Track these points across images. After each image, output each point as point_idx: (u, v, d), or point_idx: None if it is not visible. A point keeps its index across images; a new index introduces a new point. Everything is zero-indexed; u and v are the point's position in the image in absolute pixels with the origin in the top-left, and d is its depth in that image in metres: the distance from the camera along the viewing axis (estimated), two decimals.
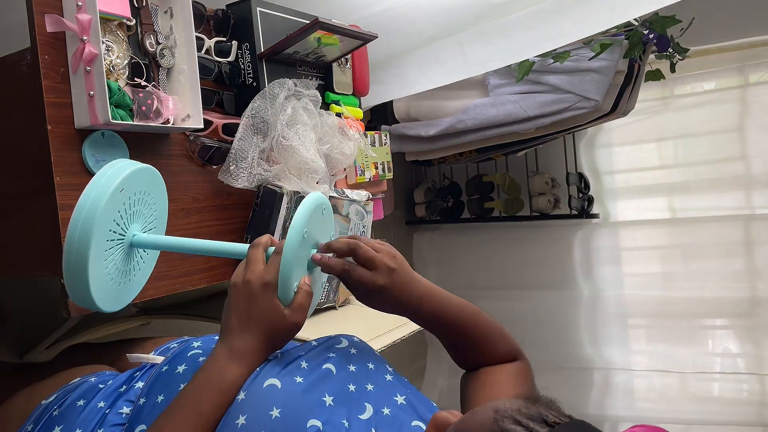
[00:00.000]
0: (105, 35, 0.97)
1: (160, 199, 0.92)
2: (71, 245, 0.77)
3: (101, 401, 0.86)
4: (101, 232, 0.78)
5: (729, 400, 2.73)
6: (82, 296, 0.80)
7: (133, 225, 0.85)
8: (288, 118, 1.18)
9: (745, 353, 2.72)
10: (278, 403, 0.67)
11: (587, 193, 2.93)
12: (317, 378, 0.73)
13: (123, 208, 0.82)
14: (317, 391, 0.71)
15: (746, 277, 2.68)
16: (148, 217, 0.89)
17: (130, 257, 0.87)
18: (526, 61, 2.04)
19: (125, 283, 0.87)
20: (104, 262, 0.81)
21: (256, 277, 0.74)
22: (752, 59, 2.59)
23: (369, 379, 0.77)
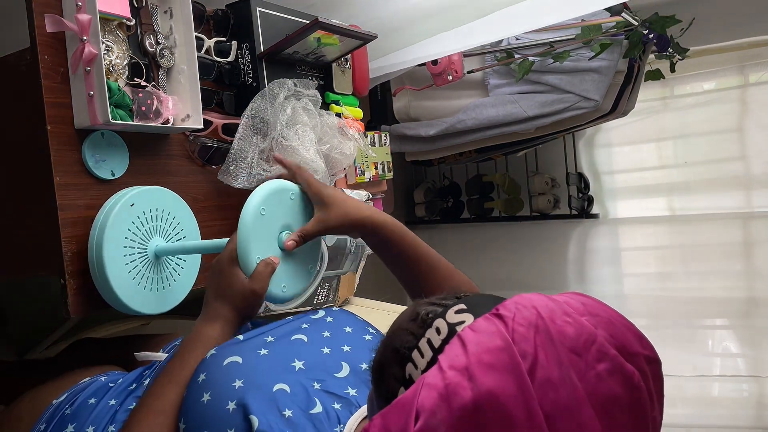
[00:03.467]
0: (105, 35, 0.97)
1: (181, 214, 1.01)
2: (92, 262, 0.90)
3: (112, 399, 0.88)
4: (114, 246, 0.90)
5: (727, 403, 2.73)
6: (118, 303, 0.91)
7: (155, 238, 0.96)
8: (288, 118, 1.18)
9: (745, 354, 2.72)
10: (240, 375, 0.70)
11: (587, 193, 2.93)
12: (284, 347, 0.76)
13: (137, 223, 0.93)
14: (284, 358, 0.74)
15: (746, 277, 2.68)
16: (171, 230, 0.99)
17: (161, 266, 0.97)
18: (525, 61, 2.04)
19: (165, 288, 0.97)
20: (129, 273, 0.92)
21: (225, 258, 0.84)
22: (752, 59, 2.59)
23: (346, 341, 0.79)
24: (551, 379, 0.45)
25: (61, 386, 0.94)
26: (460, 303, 0.53)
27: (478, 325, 0.49)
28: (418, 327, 0.53)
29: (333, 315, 0.85)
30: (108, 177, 0.98)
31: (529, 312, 0.49)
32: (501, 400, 0.44)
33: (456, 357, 0.47)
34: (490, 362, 0.46)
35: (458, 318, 0.52)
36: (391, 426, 0.47)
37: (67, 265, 0.92)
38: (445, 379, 0.46)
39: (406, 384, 0.51)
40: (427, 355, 0.51)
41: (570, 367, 0.46)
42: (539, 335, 0.47)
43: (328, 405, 0.68)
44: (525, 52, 2.06)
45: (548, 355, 0.46)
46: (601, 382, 0.46)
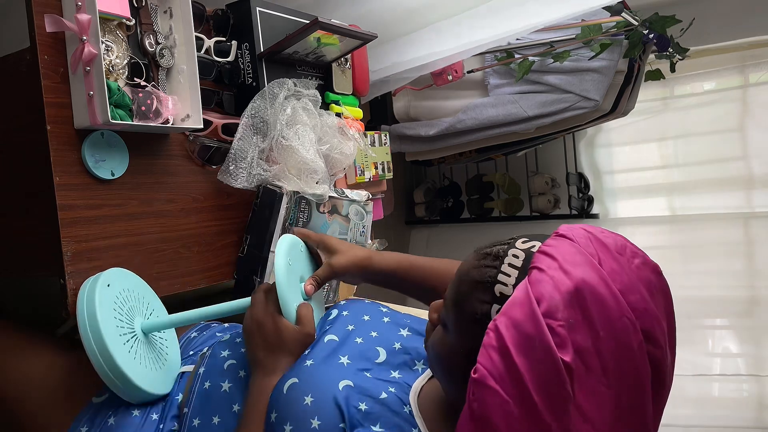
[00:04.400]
0: (104, 35, 0.97)
1: (140, 288, 0.98)
2: (102, 369, 0.83)
3: (154, 413, 0.89)
4: (113, 335, 0.85)
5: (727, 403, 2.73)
6: (142, 396, 0.88)
7: (136, 318, 0.93)
8: (288, 118, 1.18)
9: (745, 354, 2.71)
10: (305, 392, 0.73)
11: (587, 193, 2.93)
12: (323, 350, 0.80)
13: (117, 311, 0.89)
14: (330, 360, 0.78)
15: (746, 277, 2.67)
16: (142, 306, 0.96)
17: (152, 342, 0.94)
18: (525, 61, 2.04)
19: (165, 362, 0.94)
20: (134, 359, 0.87)
21: (260, 311, 0.85)
22: (752, 59, 2.59)
23: (371, 328, 0.85)
24: (614, 268, 0.60)
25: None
26: (519, 238, 0.66)
27: (551, 242, 0.62)
28: (492, 260, 0.64)
29: (346, 309, 0.90)
30: (108, 177, 0.98)
31: (580, 231, 0.64)
32: (590, 283, 0.57)
33: (548, 262, 0.59)
34: (573, 261, 0.59)
35: (528, 245, 0.64)
36: (518, 316, 0.57)
37: (67, 265, 0.92)
38: (549, 275, 0.58)
39: (499, 300, 0.61)
40: (513, 274, 0.61)
41: (621, 262, 0.61)
42: (595, 243, 0.62)
43: (387, 390, 0.74)
44: (525, 52, 2.06)
45: (605, 254, 0.61)
46: (641, 270, 0.61)
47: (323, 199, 1.23)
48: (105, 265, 0.98)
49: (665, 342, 0.60)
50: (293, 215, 1.19)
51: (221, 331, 1.05)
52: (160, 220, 1.07)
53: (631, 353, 0.57)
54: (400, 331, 0.85)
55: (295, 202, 1.19)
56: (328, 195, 1.24)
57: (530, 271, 0.60)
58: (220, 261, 1.19)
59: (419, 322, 0.88)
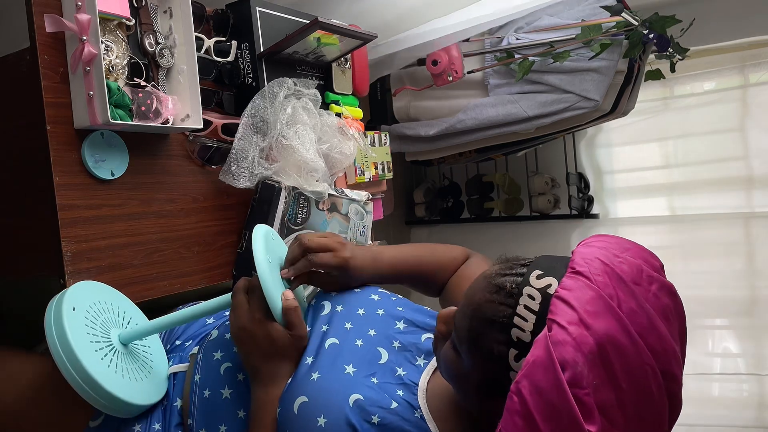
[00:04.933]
0: (104, 35, 0.97)
1: (112, 298, 0.93)
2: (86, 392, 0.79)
3: (156, 423, 0.88)
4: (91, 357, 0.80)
5: (728, 403, 2.73)
6: (129, 410, 0.85)
7: (113, 331, 0.88)
8: (288, 117, 1.18)
9: (745, 353, 2.71)
10: (316, 412, 0.72)
11: (587, 193, 2.92)
12: (328, 361, 0.78)
13: (90, 326, 0.84)
14: (337, 372, 0.77)
15: (746, 277, 2.67)
16: (117, 316, 0.91)
17: (134, 352, 0.90)
18: (525, 61, 2.04)
19: (151, 369, 0.91)
20: (117, 374, 0.83)
21: (246, 319, 0.81)
22: (752, 59, 2.58)
23: (368, 326, 0.83)
24: (633, 308, 0.58)
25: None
26: (533, 269, 0.63)
27: (567, 284, 0.59)
28: (506, 297, 0.62)
29: (339, 302, 0.88)
30: (108, 177, 0.98)
31: (597, 263, 0.61)
32: (612, 335, 0.56)
33: (567, 314, 0.57)
34: (594, 311, 0.57)
35: (543, 282, 0.61)
36: (542, 382, 0.56)
37: (66, 265, 0.92)
38: (570, 334, 0.56)
39: (517, 345, 0.60)
40: (530, 319, 0.60)
41: (638, 295, 0.59)
42: (612, 279, 0.59)
43: (396, 396, 0.75)
44: (525, 52, 2.06)
45: (623, 291, 0.59)
46: (658, 299, 0.60)
47: (322, 197, 1.23)
48: (105, 265, 0.98)
49: (680, 370, 0.61)
50: (292, 211, 1.19)
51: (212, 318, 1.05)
52: (160, 220, 1.07)
53: (651, 397, 0.58)
54: (396, 324, 0.84)
55: (294, 198, 1.19)
56: (327, 192, 1.24)
57: (551, 324, 0.58)
58: (220, 261, 1.19)
59: (412, 312, 0.87)
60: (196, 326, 1.02)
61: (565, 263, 0.63)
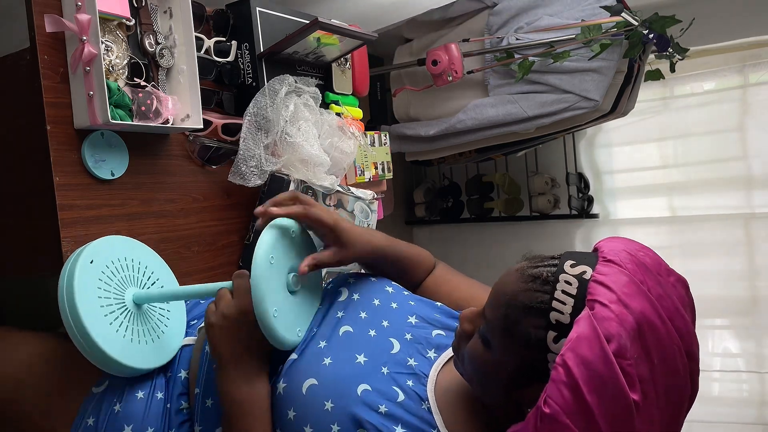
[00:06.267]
0: (104, 35, 0.97)
1: (142, 256, 0.92)
2: (76, 340, 0.79)
3: (159, 392, 0.88)
4: (90, 308, 0.79)
5: (729, 400, 2.73)
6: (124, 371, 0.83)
7: (129, 288, 0.87)
8: (290, 114, 1.19)
9: (746, 353, 2.71)
10: (324, 396, 0.74)
11: (587, 193, 2.92)
12: (340, 346, 0.80)
13: (105, 280, 0.84)
14: (348, 359, 0.78)
15: (747, 276, 2.67)
16: (143, 277, 0.91)
17: (146, 315, 0.89)
18: (525, 61, 2.04)
19: (161, 334, 0.89)
20: (118, 334, 0.82)
21: (230, 309, 0.79)
22: (752, 59, 2.58)
23: (382, 317, 0.84)
24: (661, 294, 0.63)
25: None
26: (566, 260, 0.67)
27: (602, 270, 0.64)
28: (543, 285, 0.65)
29: (356, 290, 0.89)
30: (108, 177, 0.98)
31: (624, 254, 0.66)
32: (648, 316, 0.61)
33: (607, 294, 0.61)
34: (629, 292, 0.61)
35: (578, 270, 0.65)
36: (588, 355, 0.59)
37: None
38: (613, 311, 0.60)
39: (556, 327, 0.63)
40: (569, 302, 0.63)
41: (662, 284, 0.65)
42: (640, 268, 0.65)
43: (405, 386, 0.76)
44: (525, 52, 2.06)
45: (651, 279, 0.64)
46: (676, 289, 0.66)
47: (331, 191, 1.24)
48: None
49: (698, 353, 0.65)
50: None
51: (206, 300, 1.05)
52: (160, 220, 1.07)
53: (678, 374, 0.62)
54: (409, 318, 0.86)
55: (302, 191, 1.20)
56: (335, 188, 1.25)
57: (591, 304, 0.62)
58: (221, 261, 1.19)
59: (422, 306, 0.89)
60: (200, 308, 1.02)
61: (593, 255, 0.68)
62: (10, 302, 1.32)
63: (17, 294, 1.32)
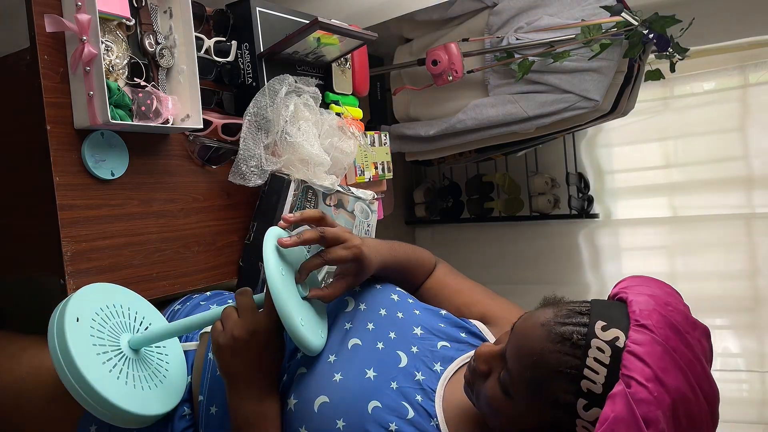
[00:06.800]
0: (104, 35, 0.97)
1: (125, 299, 0.89)
2: (85, 402, 0.75)
3: None
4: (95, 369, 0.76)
5: (729, 399, 2.73)
6: (138, 420, 0.80)
7: (123, 335, 0.84)
8: (290, 114, 1.19)
9: (746, 352, 2.71)
10: (336, 414, 0.73)
11: (587, 193, 2.92)
12: (349, 361, 0.78)
13: (97, 333, 0.80)
14: (358, 375, 0.77)
15: (747, 275, 2.67)
16: (129, 319, 0.87)
17: (147, 358, 0.86)
18: (525, 61, 2.04)
19: (165, 377, 0.86)
20: (127, 385, 0.79)
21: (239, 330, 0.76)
22: (752, 59, 2.58)
23: (389, 328, 0.83)
24: (691, 359, 0.62)
25: None
26: (596, 320, 0.65)
27: (636, 338, 0.62)
28: (573, 348, 0.64)
29: (362, 300, 0.87)
30: (108, 177, 0.98)
31: (656, 316, 0.64)
32: (681, 391, 0.61)
33: (644, 371, 0.60)
34: (665, 367, 0.60)
35: (610, 335, 0.63)
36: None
37: (66, 265, 0.92)
38: (651, 392, 0.59)
39: (587, 396, 0.63)
40: (602, 372, 0.62)
41: (691, 344, 0.63)
42: (671, 330, 0.63)
43: (414, 402, 0.75)
44: (525, 52, 2.06)
45: (681, 342, 0.63)
46: (701, 344, 0.65)
47: (332, 191, 1.24)
48: (105, 265, 0.98)
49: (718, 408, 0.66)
50: (300, 204, 1.19)
51: (204, 300, 1.06)
52: (160, 220, 1.07)
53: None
54: (414, 329, 0.85)
55: (303, 191, 1.20)
56: (335, 188, 1.25)
57: (627, 381, 0.60)
58: (221, 261, 1.19)
59: (427, 315, 0.88)
60: (198, 312, 1.02)
61: (622, 312, 0.65)
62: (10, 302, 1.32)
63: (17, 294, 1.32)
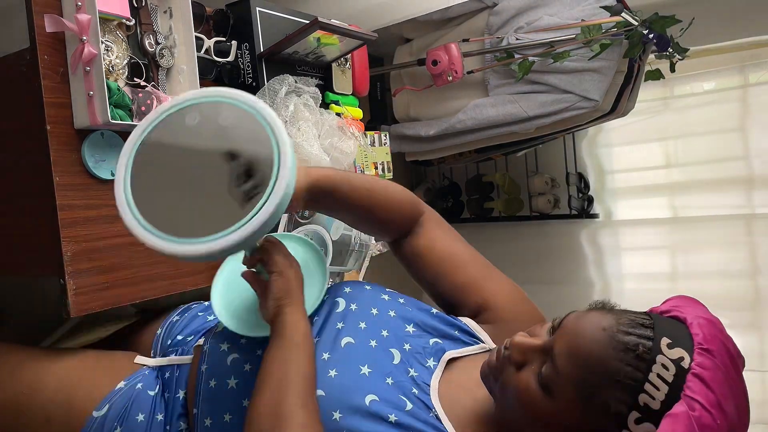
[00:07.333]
0: (104, 35, 0.97)
1: None
2: None
3: (159, 413, 0.88)
4: None
5: None
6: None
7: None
8: (290, 114, 1.19)
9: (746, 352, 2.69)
10: (332, 406, 0.73)
11: (587, 193, 2.92)
12: (343, 358, 0.79)
13: None
14: (352, 370, 0.77)
15: (748, 275, 2.67)
16: None
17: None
18: (525, 61, 2.04)
19: None
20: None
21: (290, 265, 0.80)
22: (752, 59, 2.58)
23: (381, 326, 0.83)
24: (741, 389, 0.65)
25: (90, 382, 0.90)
26: (662, 336, 0.65)
27: (702, 363, 0.63)
28: (636, 360, 0.63)
29: (353, 300, 0.87)
30: (108, 177, 0.98)
31: (718, 342, 0.65)
32: (735, 423, 0.63)
33: (708, 396, 0.61)
34: (726, 395, 0.62)
35: (675, 354, 0.64)
36: None
37: (66, 265, 0.92)
38: (715, 419, 0.60)
39: (641, 410, 0.62)
40: (663, 389, 0.62)
41: (739, 372, 0.66)
42: (730, 359, 0.65)
43: (410, 395, 0.75)
44: (525, 52, 2.06)
45: (736, 373, 0.65)
46: (742, 382, 0.67)
47: None
48: (105, 265, 0.97)
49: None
50: None
51: (203, 311, 1.05)
52: None
53: None
54: (407, 327, 0.85)
55: None
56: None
57: (690, 403, 0.61)
58: (221, 261, 1.19)
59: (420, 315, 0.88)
60: (196, 323, 1.02)
61: (684, 333, 0.66)
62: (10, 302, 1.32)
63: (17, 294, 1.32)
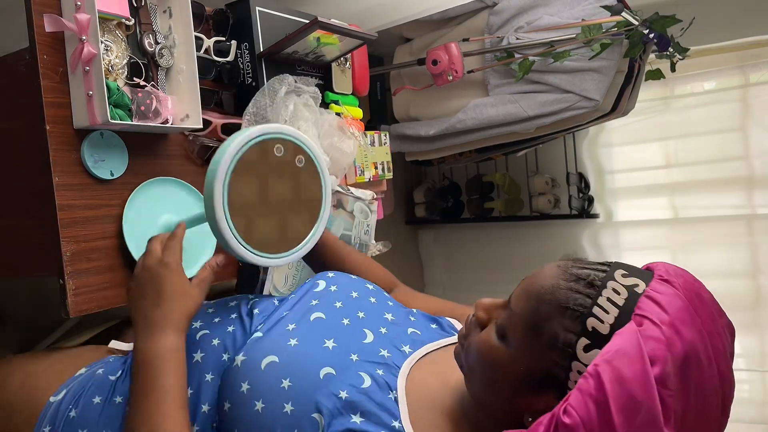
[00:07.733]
0: (104, 35, 0.97)
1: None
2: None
3: (118, 396, 0.86)
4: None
5: None
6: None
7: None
8: (290, 114, 1.18)
9: (747, 352, 2.71)
10: (284, 374, 0.71)
11: (587, 193, 2.92)
12: (309, 330, 0.78)
13: None
14: (314, 342, 0.76)
15: (748, 275, 2.67)
16: None
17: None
18: (525, 61, 2.04)
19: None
20: None
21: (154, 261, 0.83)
22: (752, 59, 2.58)
23: (357, 308, 0.83)
24: (712, 332, 0.58)
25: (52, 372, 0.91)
26: (617, 268, 0.63)
27: (657, 287, 0.59)
28: (587, 287, 0.61)
29: (334, 282, 0.88)
30: (107, 177, 0.98)
31: (682, 279, 0.61)
32: (697, 349, 0.56)
33: (660, 314, 0.57)
34: (683, 319, 0.56)
35: (630, 281, 0.61)
36: (627, 373, 0.54)
37: (66, 265, 0.91)
38: (664, 333, 0.55)
39: (590, 335, 0.59)
40: (612, 312, 0.59)
41: (714, 321, 0.60)
42: (697, 298, 0.60)
43: (374, 374, 0.73)
44: (525, 52, 2.06)
45: (705, 313, 0.59)
46: (725, 334, 0.61)
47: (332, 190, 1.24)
48: (104, 265, 0.97)
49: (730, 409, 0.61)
50: None
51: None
52: None
53: (709, 422, 0.58)
54: (386, 315, 0.84)
55: None
56: (335, 188, 1.25)
57: (640, 320, 0.57)
58: None
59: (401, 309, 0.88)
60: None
61: (647, 273, 0.63)
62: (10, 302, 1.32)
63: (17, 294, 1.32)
